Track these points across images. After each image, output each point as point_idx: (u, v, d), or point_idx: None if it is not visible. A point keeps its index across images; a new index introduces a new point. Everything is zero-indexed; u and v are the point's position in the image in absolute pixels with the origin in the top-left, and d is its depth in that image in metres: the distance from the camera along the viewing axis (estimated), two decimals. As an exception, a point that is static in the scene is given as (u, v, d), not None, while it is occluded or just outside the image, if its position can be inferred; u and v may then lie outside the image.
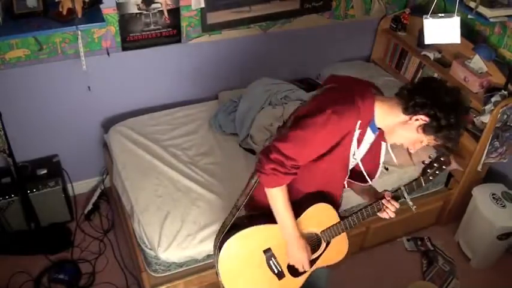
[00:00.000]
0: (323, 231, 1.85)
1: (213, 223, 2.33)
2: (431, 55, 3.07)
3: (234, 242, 1.81)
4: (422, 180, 1.65)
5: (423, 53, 3.11)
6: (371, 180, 1.82)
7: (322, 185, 1.82)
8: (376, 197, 1.80)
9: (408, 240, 3.06)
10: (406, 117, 1.54)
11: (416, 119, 1.52)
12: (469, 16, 2.77)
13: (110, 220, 3.03)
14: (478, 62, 2.78)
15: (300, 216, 1.79)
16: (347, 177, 1.82)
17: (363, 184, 1.86)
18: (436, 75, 3.06)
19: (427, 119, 1.50)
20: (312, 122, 1.55)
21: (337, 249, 1.96)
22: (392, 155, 1.80)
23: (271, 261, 1.88)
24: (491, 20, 2.64)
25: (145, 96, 3.02)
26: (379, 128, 1.66)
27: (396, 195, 1.73)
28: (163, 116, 2.95)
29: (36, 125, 2.79)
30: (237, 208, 1.83)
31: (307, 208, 1.79)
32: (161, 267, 2.32)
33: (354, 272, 2.76)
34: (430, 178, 1.66)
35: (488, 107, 2.65)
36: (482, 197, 2.81)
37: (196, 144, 2.79)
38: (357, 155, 1.70)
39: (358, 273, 2.79)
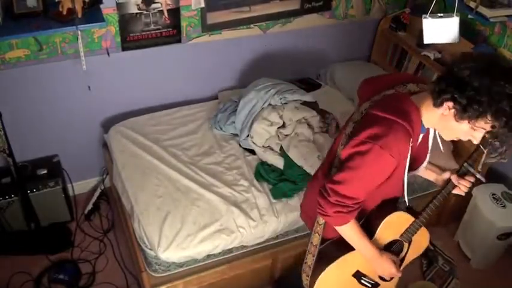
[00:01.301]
0: (402, 235, 1.85)
1: (213, 223, 2.33)
2: (431, 55, 3.07)
3: (324, 278, 1.87)
4: (481, 146, 1.55)
5: (423, 53, 3.11)
6: (419, 167, 1.82)
7: (385, 196, 1.82)
8: (442, 176, 1.79)
9: (408, 240, 3.06)
10: (440, 110, 1.44)
11: (446, 108, 1.42)
12: (469, 16, 2.77)
13: (110, 220, 3.03)
14: (478, 62, 2.78)
15: (374, 234, 1.79)
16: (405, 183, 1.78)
17: (413, 172, 1.84)
18: (436, 75, 3.06)
19: (450, 103, 1.40)
20: (363, 162, 1.51)
21: (419, 241, 1.96)
22: (440, 141, 1.72)
23: (362, 280, 1.94)
24: (491, 20, 2.64)
25: (145, 96, 3.02)
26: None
27: (462, 173, 1.67)
28: (163, 116, 2.96)
29: (36, 125, 2.79)
30: (315, 246, 1.87)
31: (379, 225, 1.79)
32: (161, 267, 2.32)
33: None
34: (490, 142, 1.54)
35: (488, 107, 2.64)
36: (482, 197, 2.80)
37: (196, 144, 2.79)
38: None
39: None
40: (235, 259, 2.44)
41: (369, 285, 1.98)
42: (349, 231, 1.71)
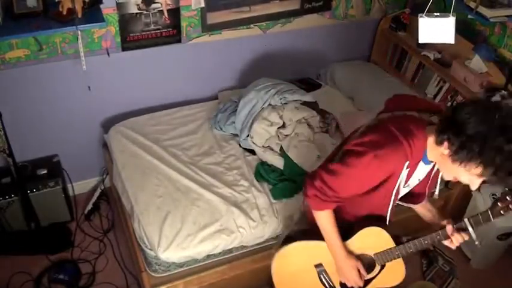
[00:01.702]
0: (376, 254, 1.84)
1: (213, 223, 2.33)
2: (431, 55, 3.07)
3: (286, 253, 1.91)
4: (490, 213, 1.54)
5: (423, 53, 3.11)
6: (417, 203, 1.86)
7: (372, 210, 1.82)
8: (439, 221, 1.80)
9: (408, 240, 3.05)
10: (441, 148, 1.45)
11: (445, 147, 1.43)
12: (469, 16, 2.77)
13: (110, 220, 3.03)
14: (478, 62, 2.78)
15: (352, 236, 1.81)
16: (396, 202, 1.81)
17: (410, 204, 1.90)
18: (436, 75, 3.06)
19: (447, 144, 1.42)
20: (357, 163, 1.57)
21: (393, 274, 1.92)
22: (438, 185, 1.81)
23: (322, 276, 1.94)
24: (491, 20, 2.64)
25: (145, 96, 3.02)
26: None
27: (459, 227, 1.65)
28: (163, 116, 2.96)
29: (36, 125, 2.79)
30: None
31: (359, 230, 1.80)
32: (161, 267, 2.32)
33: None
34: (501, 213, 1.52)
35: (488, 107, 2.64)
36: (482, 197, 2.80)
37: (196, 144, 2.79)
38: (410, 185, 1.74)
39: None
40: (235, 259, 2.44)
41: (327, 286, 1.96)
42: (324, 219, 1.75)
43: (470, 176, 1.43)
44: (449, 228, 1.66)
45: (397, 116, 1.63)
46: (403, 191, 1.80)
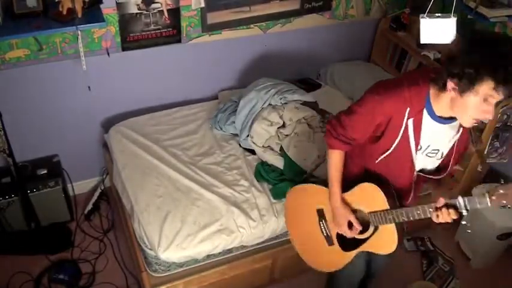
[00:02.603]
0: (370, 213, 1.86)
1: (213, 223, 2.33)
2: (431, 55, 3.07)
3: (294, 191, 2.12)
4: (487, 198, 1.52)
5: (423, 53, 3.11)
6: (441, 174, 1.85)
7: (386, 171, 1.84)
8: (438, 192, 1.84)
9: (408, 240, 3.05)
10: (447, 95, 1.52)
11: (450, 90, 1.50)
12: (469, 16, 2.77)
13: (110, 220, 3.03)
14: (478, 62, 2.78)
15: (352, 188, 1.88)
16: (415, 171, 1.81)
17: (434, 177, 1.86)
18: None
19: (450, 83, 1.48)
20: (363, 101, 1.69)
21: (384, 240, 1.91)
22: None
23: (321, 223, 2.05)
24: (491, 20, 2.64)
25: (146, 96, 3.02)
26: (450, 118, 1.63)
27: (451, 204, 1.63)
28: (164, 116, 2.96)
29: (36, 125, 2.79)
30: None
31: (360, 184, 1.85)
32: (161, 267, 2.32)
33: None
34: (495, 199, 1.51)
35: (488, 107, 2.64)
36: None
37: (196, 144, 2.79)
38: (424, 148, 1.72)
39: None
40: (235, 259, 2.44)
41: (324, 233, 2.04)
42: (332, 159, 1.86)
43: (486, 98, 1.43)
44: (441, 200, 1.64)
45: (411, 71, 1.74)
46: (420, 158, 1.77)
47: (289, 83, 2.95)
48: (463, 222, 1.68)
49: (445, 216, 1.63)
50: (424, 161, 1.81)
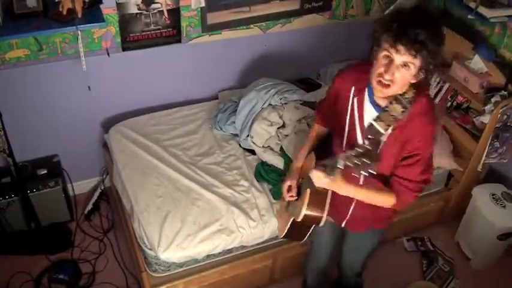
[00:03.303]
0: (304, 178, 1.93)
1: (213, 223, 2.33)
2: (431, 55, 3.06)
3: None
4: (340, 156, 1.56)
5: (423, 53, 3.10)
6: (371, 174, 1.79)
7: (338, 149, 1.85)
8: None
9: (408, 240, 3.05)
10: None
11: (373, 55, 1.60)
12: (469, 16, 2.77)
13: (110, 220, 3.03)
14: (478, 62, 2.78)
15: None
16: (343, 145, 1.81)
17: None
18: (436, 75, 3.05)
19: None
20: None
21: (299, 206, 1.88)
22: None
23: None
24: (491, 20, 2.64)
25: (145, 96, 3.02)
26: (384, 108, 1.65)
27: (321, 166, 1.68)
28: (164, 116, 2.96)
29: (36, 125, 2.79)
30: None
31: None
32: (161, 267, 2.32)
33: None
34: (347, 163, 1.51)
35: (488, 107, 2.64)
36: (482, 197, 2.80)
37: (196, 144, 2.79)
38: (366, 122, 1.72)
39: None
40: (235, 259, 2.44)
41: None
42: (312, 128, 2.09)
43: (386, 55, 1.54)
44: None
45: None
46: (356, 131, 1.77)
47: (289, 83, 2.95)
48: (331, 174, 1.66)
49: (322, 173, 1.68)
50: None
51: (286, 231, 2.01)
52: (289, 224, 1.97)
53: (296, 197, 1.96)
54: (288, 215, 2.03)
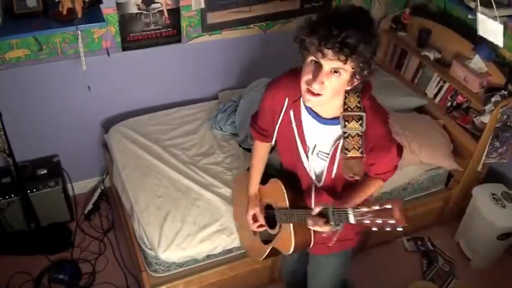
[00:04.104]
0: (276, 208, 1.84)
1: (213, 223, 2.33)
2: (431, 55, 3.07)
3: (244, 174, 2.09)
4: (352, 214, 1.41)
5: (423, 53, 3.11)
6: (318, 183, 1.70)
7: (288, 165, 1.81)
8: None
9: (408, 240, 3.05)
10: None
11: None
12: (469, 16, 2.77)
13: (110, 220, 3.03)
14: (478, 62, 2.78)
15: (266, 183, 1.88)
16: (310, 172, 1.70)
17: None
18: (436, 75, 3.06)
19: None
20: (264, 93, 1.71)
21: (284, 239, 1.83)
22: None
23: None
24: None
25: (145, 96, 3.02)
26: (330, 118, 1.53)
27: (325, 214, 1.53)
28: (163, 116, 2.96)
29: (36, 125, 2.79)
30: None
31: (272, 178, 1.84)
32: (161, 267, 2.32)
33: (354, 271, 2.75)
34: (363, 219, 1.39)
35: (488, 107, 2.65)
36: (482, 197, 2.80)
37: (196, 144, 2.79)
38: (309, 144, 1.62)
39: (358, 273, 2.78)
40: (235, 259, 2.44)
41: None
42: (253, 148, 1.90)
43: (313, 60, 1.38)
44: (315, 209, 1.57)
45: None
46: (312, 158, 1.66)
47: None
48: (328, 228, 1.53)
49: (314, 224, 1.55)
50: (317, 162, 1.67)
51: (264, 257, 2.02)
52: (268, 250, 1.97)
53: (266, 227, 1.90)
54: (259, 242, 2.00)
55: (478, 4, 2.17)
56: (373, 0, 3.27)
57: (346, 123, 1.51)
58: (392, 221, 1.34)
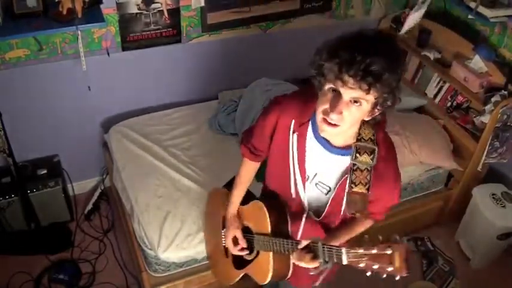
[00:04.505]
0: (256, 233, 1.72)
1: (213, 223, 2.33)
2: (431, 55, 3.07)
3: (215, 191, 2.11)
4: (345, 255, 1.31)
5: (423, 53, 3.11)
6: (318, 216, 1.58)
7: (277, 189, 1.68)
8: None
9: (408, 240, 3.05)
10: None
11: (316, 86, 1.32)
12: (469, 16, 2.77)
13: (110, 220, 3.03)
14: (478, 62, 2.78)
15: (247, 204, 1.78)
16: (304, 203, 1.58)
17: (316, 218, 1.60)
18: (436, 75, 3.06)
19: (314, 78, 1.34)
20: (266, 108, 1.58)
21: (260, 268, 1.73)
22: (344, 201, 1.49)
23: (223, 231, 1.93)
24: (491, 20, 2.64)
25: (146, 96, 3.02)
26: (340, 147, 1.40)
27: (314, 249, 1.41)
28: (163, 116, 2.96)
29: (36, 125, 2.79)
30: None
31: (254, 200, 1.74)
32: (161, 267, 2.32)
33: (354, 272, 2.75)
34: (356, 261, 1.30)
35: (488, 107, 2.65)
36: (482, 197, 2.80)
37: (196, 144, 2.79)
38: (309, 172, 1.50)
39: (358, 273, 2.78)
40: (235, 259, 2.44)
41: (223, 244, 1.94)
42: (240, 166, 1.75)
43: (331, 88, 1.25)
44: (303, 242, 1.45)
45: None
46: (309, 187, 1.53)
47: (289, 83, 2.95)
48: (315, 264, 1.41)
49: (300, 259, 1.43)
50: (313, 193, 1.54)
51: (237, 279, 1.89)
52: (240, 277, 1.87)
53: (248, 252, 1.78)
54: (231, 265, 1.90)
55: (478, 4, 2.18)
56: (373, 0, 3.27)
57: (358, 154, 1.39)
58: (391, 269, 1.23)
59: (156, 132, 2.82)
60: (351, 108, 1.25)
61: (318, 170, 1.49)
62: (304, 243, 1.44)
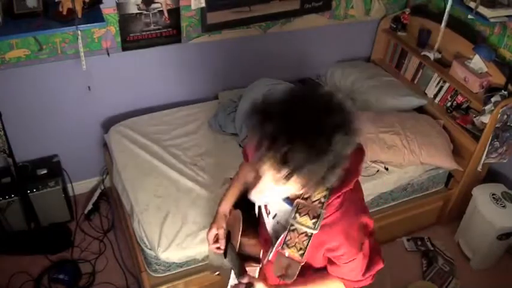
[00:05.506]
0: (230, 242, 1.61)
1: (213, 223, 2.32)
2: (431, 55, 3.07)
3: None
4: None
5: (423, 53, 3.11)
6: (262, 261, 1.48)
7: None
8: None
9: (408, 240, 3.05)
10: None
11: None
12: (469, 16, 2.77)
13: (110, 220, 3.03)
14: (478, 62, 2.78)
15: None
16: (265, 222, 1.46)
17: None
18: (436, 75, 3.06)
19: None
20: None
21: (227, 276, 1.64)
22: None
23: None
24: (491, 20, 2.64)
25: (145, 96, 3.02)
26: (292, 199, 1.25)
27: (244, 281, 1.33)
28: (163, 116, 2.96)
29: (36, 125, 2.79)
30: None
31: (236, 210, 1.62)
32: (161, 267, 2.32)
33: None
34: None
35: (488, 107, 2.65)
36: (482, 197, 2.80)
37: (196, 144, 2.79)
38: (271, 210, 1.40)
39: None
40: (235, 259, 2.44)
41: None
42: (239, 168, 1.69)
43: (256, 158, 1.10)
44: (245, 278, 1.34)
45: None
46: (270, 223, 1.42)
47: (289, 83, 2.95)
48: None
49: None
50: (276, 228, 1.41)
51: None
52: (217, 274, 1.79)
53: (223, 251, 1.62)
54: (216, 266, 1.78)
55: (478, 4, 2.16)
56: (373, 0, 3.27)
57: (298, 215, 1.22)
58: None
59: (156, 132, 2.82)
60: (273, 188, 1.11)
61: (276, 211, 1.38)
62: (245, 279, 1.32)
